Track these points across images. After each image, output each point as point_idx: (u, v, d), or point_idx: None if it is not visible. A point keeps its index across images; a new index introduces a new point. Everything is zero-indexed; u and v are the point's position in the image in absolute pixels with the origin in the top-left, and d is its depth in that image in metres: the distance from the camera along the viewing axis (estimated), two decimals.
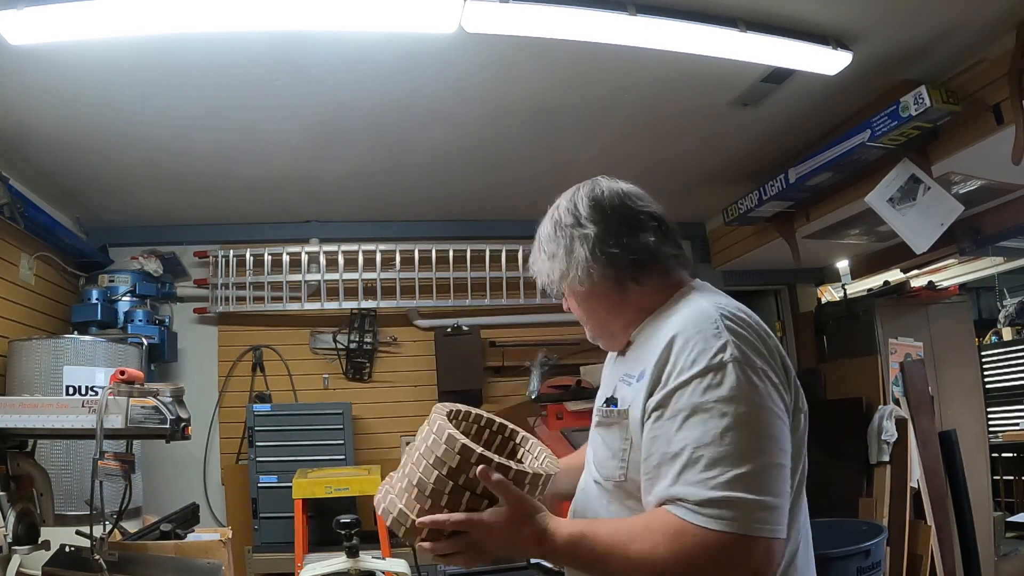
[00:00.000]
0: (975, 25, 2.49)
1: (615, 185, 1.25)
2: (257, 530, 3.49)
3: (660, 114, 3.10)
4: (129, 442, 2.47)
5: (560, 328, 4.44)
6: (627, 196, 1.22)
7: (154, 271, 3.89)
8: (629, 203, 1.21)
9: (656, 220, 1.20)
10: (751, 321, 1.07)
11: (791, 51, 2.49)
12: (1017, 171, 2.60)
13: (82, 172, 3.35)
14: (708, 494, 0.94)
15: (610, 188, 1.24)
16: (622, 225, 1.18)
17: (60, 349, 2.98)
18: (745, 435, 0.96)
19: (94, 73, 2.46)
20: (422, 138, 3.22)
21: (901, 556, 3.54)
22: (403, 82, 2.69)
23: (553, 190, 1.33)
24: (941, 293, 4.23)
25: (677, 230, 1.23)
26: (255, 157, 3.33)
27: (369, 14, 2.14)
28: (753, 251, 4.26)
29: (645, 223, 1.19)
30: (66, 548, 1.97)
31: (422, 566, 3.24)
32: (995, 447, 4.88)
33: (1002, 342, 5.93)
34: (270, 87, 2.68)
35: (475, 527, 1.05)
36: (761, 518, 0.93)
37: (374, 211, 4.23)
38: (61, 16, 2.02)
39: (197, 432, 3.07)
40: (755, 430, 0.97)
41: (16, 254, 3.29)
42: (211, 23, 2.11)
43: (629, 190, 1.25)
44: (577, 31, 2.27)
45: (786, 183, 3.39)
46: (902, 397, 3.83)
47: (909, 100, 2.62)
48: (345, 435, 3.71)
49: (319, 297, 4.16)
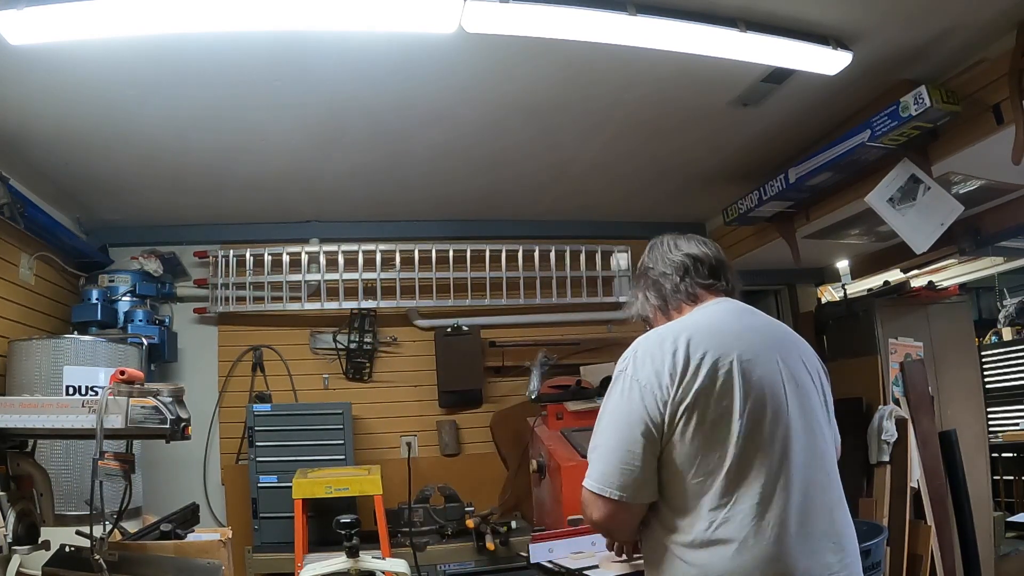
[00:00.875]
0: (975, 25, 2.50)
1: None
2: (257, 530, 3.49)
3: (660, 114, 3.10)
4: (129, 442, 2.47)
5: (560, 328, 4.45)
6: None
7: (154, 271, 3.89)
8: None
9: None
10: (652, 340, 1.44)
11: (791, 51, 2.48)
12: (1017, 171, 2.60)
13: (82, 172, 3.35)
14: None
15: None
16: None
17: (60, 349, 2.98)
18: (600, 426, 1.44)
19: (94, 73, 2.47)
20: (422, 138, 3.22)
21: (901, 556, 3.54)
22: (403, 82, 2.69)
23: (553, 190, 1.34)
24: (941, 293, 4.23)
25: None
26: (255, 157, 3.33)
27: (369, 14, 2.14)
28: (753, 251, 4.26)
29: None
30: (66, 548, 1.97)
31: (422, 566, 3.25)
32: (995, 447, 4.88)
33: (1002, 342, 5.93)
34: (270, 87, 2.68)
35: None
36: (601, 483, 1.37)
37: (374, 211, 4.24)
38: (61, 16, 2.02)
39: (197, 432, 3.07)
40: (606, 423, 1.42)
41: (16, 254, 3.29)
42: (211, 23, 2.11)
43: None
44: (577, 31, 2.27)
45: (786, 183, 3.39)
46: (902, 397, 3.83)
47: (909, 100, 2.62)
48: (345, 435, 3.70)
49: (319, 297, 4.16)
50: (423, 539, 3.35)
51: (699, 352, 1.37)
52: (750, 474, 1.33)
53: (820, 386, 1.53)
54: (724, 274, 1.61)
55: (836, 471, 1.47)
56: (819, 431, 1.45)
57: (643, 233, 4.66)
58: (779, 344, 1.50)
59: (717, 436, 1.34)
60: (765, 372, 1.40)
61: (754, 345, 1.43)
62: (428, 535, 3.41)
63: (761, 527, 1.30)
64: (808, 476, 1.37)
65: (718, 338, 1.41)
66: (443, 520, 3.46)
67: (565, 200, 4.16)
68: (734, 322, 1.49)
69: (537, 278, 4.39)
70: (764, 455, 1.34)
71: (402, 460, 3.92)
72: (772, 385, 1.40)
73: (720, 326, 1.46)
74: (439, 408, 4.36)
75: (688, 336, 1.40)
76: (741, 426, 1.33)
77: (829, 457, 1.47)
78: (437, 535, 3.43)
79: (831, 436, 1.52)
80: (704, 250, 1.61)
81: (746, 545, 1.29)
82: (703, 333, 1.42)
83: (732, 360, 1.37)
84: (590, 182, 3.87)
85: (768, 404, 1.37)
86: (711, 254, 1.61)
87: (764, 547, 1.29)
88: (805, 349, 1.56)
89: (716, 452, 1.33)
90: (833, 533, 1.38)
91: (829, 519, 1.38)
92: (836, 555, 1.36)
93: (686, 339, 1.39)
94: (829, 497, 1.41)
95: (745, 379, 1.36)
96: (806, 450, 1.39)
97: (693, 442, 1.34)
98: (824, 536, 1.35)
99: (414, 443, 4.18)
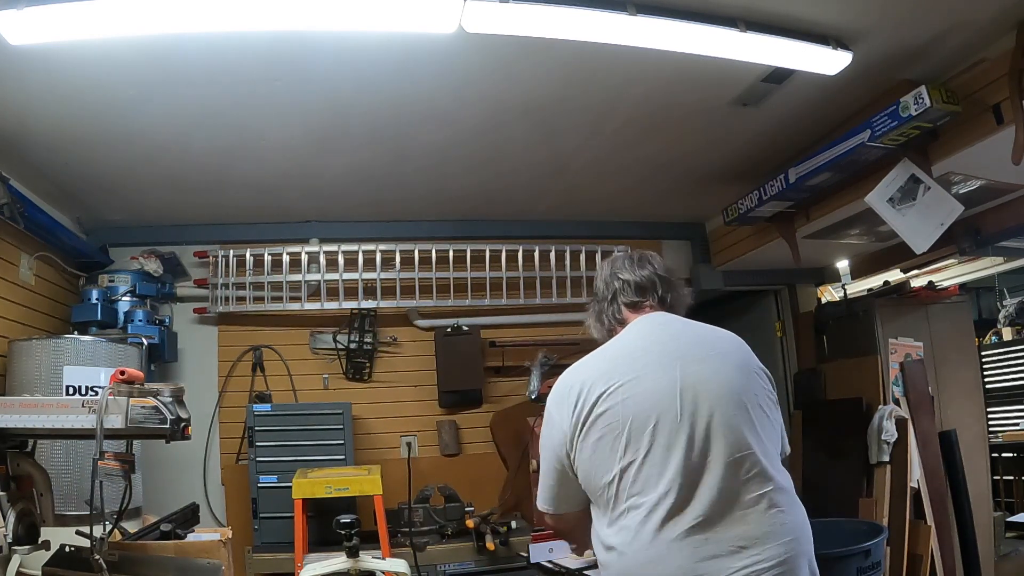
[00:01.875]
0: (975, 25, 2.49)
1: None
2: (257, 530, 3.49)
3: (660, 114, 3.10)
4: (129, 442, 2.47)
5: (560, 328, 4.45)
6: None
7: (154, 271, 3.88)
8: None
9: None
10: (560, 385, 1.66)
11: (791, 51, 2.48)
12: (1017, 171, 2.60)
13: (82, 172, 3.35)
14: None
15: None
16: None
17: (60, 349, 2.98)
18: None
19: (94, 73, 2.46)
20: (421, 138, 3.22)
21: (901, 556, 3.54)
22: (403, 82, 2.69)
23: (552, 189, 1.35)
24: (941, 293, 4.23)
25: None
26: (255, 157, 3.33)
27: (369, 14, 2.14)
28: (753, 251, 4.26)
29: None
30: (66, 548, 1.97)
31: (422, 566, 3.25)
32: (995, 447, 4.89)
33: (1002, 342, 5.93)
34: (270, 87, 2.68)
35: None
36: (539, 501, 1.71)
37: (374, 211, 4.23)
38: (61, 16, 2.02)
39: (197, 432, 3.07)
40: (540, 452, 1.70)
41: (16, 254, 3.29)
42: (211, 23, 2.11)
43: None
44: (577, 31, 2.27)
45: (786, 183, 3.39)
46: (902, 397, 3.83)
47: (909, 100, 2.62)
48: (345, 435, 3.70)
49: (319, 297, 4.16)
50: (423, 539, 3.35)
51: (594, 389, 1.55)
52: (639, 486, 1.47)
53: (757, 387, 1.57)
54: (654, 291, 1.73)
55: (769, 470, 1.48)
56: (742, 433, 1.48)
57: (643, 233, 4.73)
58: (691, 351, 1.58)
59: (604, 457, 1.52)
60: (658, 386, 1.51)
61: (651, 363, 1.55)
62: (428, 535, 3.41)
63: (641, 534, 1.45)
64: (716, 480, 1.44)
65: (616, 365, 1.58)
66: (443, 520, 3.46)
67: (565, 200, 4.16)
68: (642, 341, 1.63)
69: (537, 278, 4.39)
70: (653, 466, 1.47)
71: (402, 460, 3.92)
72: (666, 398, 1.50)
73: (626, 350, 1.63)
74: (439, 408, 4.36)
75: (583, 378, 1.60)
76: (624, 445, 1.49)
77: (756, 458, 1.47)
78: (437, 535, 3.43)
79: (769, 435, 1.53)
80: (636, 273, 1.75)
81: (631, 550, 1.46)
82: (601, 368, 1.59)
83: (620, 385, 1.53)
84: (590, 182, 3.87)
85: (660, 418, 1.49)
86: (644, 274, 1.74)
87: (645, 552, 1.44)
88: (736, 352, 1.61)
89: (608, 469, 1.51)
90: (744, 536, 1.41)
91: (742, 521, 1.42)
92: (743, 558, 1.39)
93: (581, 381, 1.59)
94: (747, 498, 1.44)
95: (634, 400, 1.51)
96: (717, 454, 1.46)
97: (592, 460, 1.54)
98: (731, 540, 1.41)
99: (414, 443, 4.18)
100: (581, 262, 4.44)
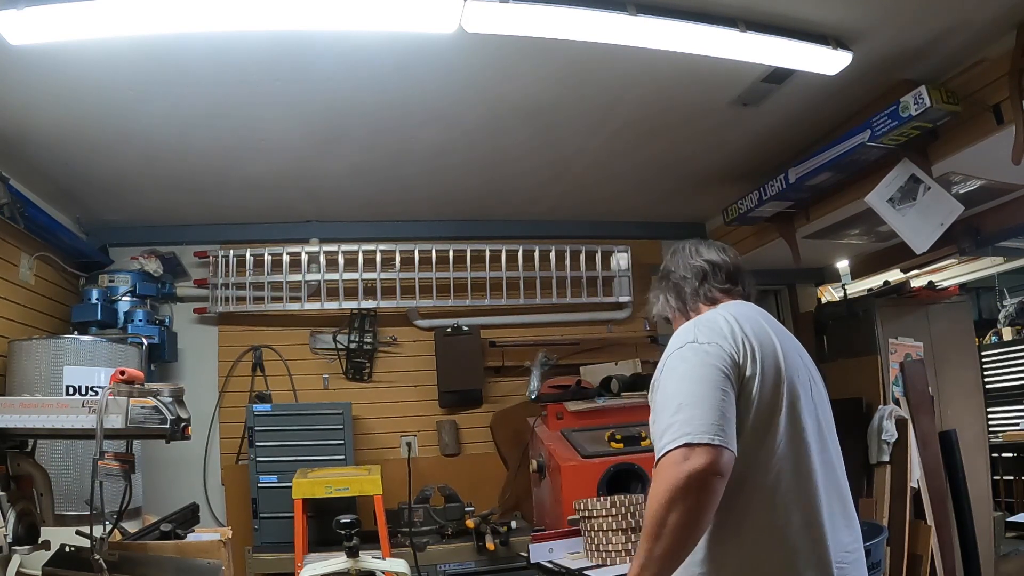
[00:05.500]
0: (975, 25, 2.50)
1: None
2: (257, 530, 3.49)
3: (660, 114, 3.10)
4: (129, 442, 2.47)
5: (560, 328, 4.46)
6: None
7: (154, 271, 3.89)
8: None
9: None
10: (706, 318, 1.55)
11: (791, 51, 2.49)
12: (1017, 171, 2.60)
13: (82, 172, 3.35)
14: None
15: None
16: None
17: (60, 349, 2.98)
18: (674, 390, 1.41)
19: (94, 73, 2.46)
20: (421, 138, 3.22)
21: (901, 556, 3.54)
22: (403, 82, 2.69)
23: (552, 189, 1.35)
24: (941, 293, 4.23)
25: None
26: (255, 157, 3.33)
27: (369, 14, 2.14)
28: (753, 251, 4.25)
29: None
30: (66, 548, 1.98)
31: (422, 566, 3.25)
32: (995, 447, 4.88)
33: (1002, 342, 5.93)
34: (270, 87, 2.68)
35: None
36: (699, 432, 1.31)
37: (374, 211, 4.24)
38: (61, 16, 2.02)
39: (197, 432, 3.06)
40: (685, 386, 1.40)
41: (16, 254, 3.29)
42: (211, 23, 2.11)
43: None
44: (577, 31, 2.27)
45: (786, 183, 3.39)
46: (902, 397, 3.83)
47: (909, 100, 2.62)
48: (345, 435, 3.70)
49: (319, 297, 4.16)
50: (423, 539, 3.35)
51: (747, 328, 1.49)
52: (791, 445, 1.43)
53: (822, 390, 1.63)
54: (741, 279, 1.73)
55: (842, 463, 1.57)
56: (830, 429, 1.57)
57: (643, 233, 4.73)
58: (797, 344, 1.61)
59: (772, 404, 1.44)
60: (793, 363, 1.51)
61: (782, 339, 1.54)
62: (428, 535, 3.41)
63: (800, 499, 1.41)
64: (824, 460, 1.49)
65: (753, 325, 1.52)
66: (443, 520, 3.46)
67: (565, 200, 4.16)
68: (758, 318, 1.59)
69: (537, 278, 4.39)
70: (799, 432, 1.44)
71: (402, 460, 3.92)
72: (799, 375, 1.51)
73: (750, 319, 1.56)
74: (439, 408, 4.36)
75: (734, 316, 1.52)
76: (784, 401, 1.44)
77: (838, 454, 1.58)
78: (437, 535, 3.43)
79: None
80: (723, 256, 1.73)
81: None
82: (742, 319, 1.52)
83: (775, 345, 1.49)
84: (590, 182, 3.87)
85: (800, 392, 1.48)
86: (729, 260, 1.73)
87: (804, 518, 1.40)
88: (807, 355, 1.66)
89: (773, 417, 1.43)
90: (849, 514, 1.51)
91: (844, 501, 1.51)
92: (850, 535, 1.48)
93: (734, 318, 1.51)
94: (843, 482, 1.54)
95: (786, 363, 1.48)
96: (821, 443, 1.50)
97: (759, 400, 1.43)
98: (841, 515, 1.48)
99: (414, 443, 4.18)
100: (581, 262, 4.44)
